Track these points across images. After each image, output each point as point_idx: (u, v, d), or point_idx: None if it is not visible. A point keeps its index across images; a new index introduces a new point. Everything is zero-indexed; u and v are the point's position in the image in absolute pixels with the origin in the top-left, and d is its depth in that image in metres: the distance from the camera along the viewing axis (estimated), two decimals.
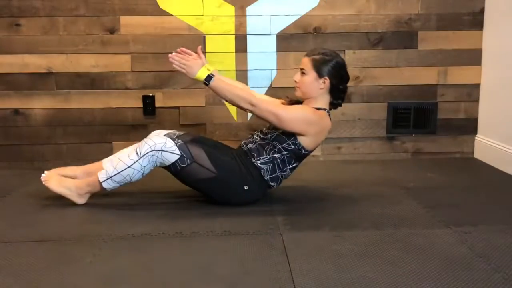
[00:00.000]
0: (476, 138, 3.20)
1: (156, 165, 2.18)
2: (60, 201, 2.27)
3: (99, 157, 2.99)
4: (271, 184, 2.28)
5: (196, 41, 3.03)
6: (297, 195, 2.44)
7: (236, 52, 3.07)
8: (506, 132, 2.87)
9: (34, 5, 2.96)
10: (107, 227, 2.02)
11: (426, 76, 3.14)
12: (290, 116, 2.17)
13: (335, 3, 3.05)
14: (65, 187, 2.25)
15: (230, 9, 3.02)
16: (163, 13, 3.01)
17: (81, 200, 2.27)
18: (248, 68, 3.08)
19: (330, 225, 2.03)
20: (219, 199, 2.27)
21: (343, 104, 2.34)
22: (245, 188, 2.22)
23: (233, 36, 3.05)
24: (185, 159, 2.15)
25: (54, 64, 3.01)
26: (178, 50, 2.20)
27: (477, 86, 3.17)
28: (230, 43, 3.06)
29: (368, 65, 3.12)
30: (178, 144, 2.15)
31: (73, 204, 2.26)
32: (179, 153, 2.14)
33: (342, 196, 2.43)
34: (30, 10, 2.96)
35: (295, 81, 2.28)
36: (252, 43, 3.06)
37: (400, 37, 3.10)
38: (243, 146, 2.33)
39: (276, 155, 2.23)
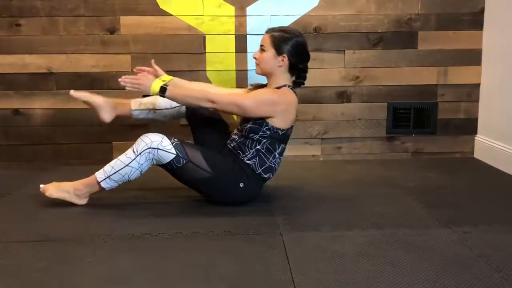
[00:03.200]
0: (476, 138, 3.20)
1: (153, 163, 2.17)
2: (60, 201, 2.27)
3: (99, 157, 3.01)
4: (265, 176, 2.27)
5: (196, 41, 3.03)
6: (297, 195, 2.44)
7: (236, 52, 3.06)
8: (506, 132, 2.87)
9: (34, 5, 2.95)
10: (107, 227, 2.02)
11: (426, 76, 3.14)
12: (252, 102, 2.17)
13: (335, 3, 3.05)
14: (64, 191, 2.25)
15: (230, 9, 3.02)
16: (163, 13, 3.00)
17: (81, 202, 2.26)
18: (248, 68, 3.07)
19: (330, 225, 2.03)
20: (216, 199, 2.27)
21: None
22: (241, 185, 2.22)
23: (233, 36, 3.05)
24: (181, 159, 2.14)
25: (54, 64, 3.01)
26: (134, 70, 2.30)
27: (477, 86, 3.16)
28: (230, 43, 3.06)
29: (368, 65, 3.11)
30: (174, 144, 2.14)
31: (73, 204, 2.26)
32: (174, 152, 2.13)
33: (342, 196, 2.43)
34: (30, 10, 2.96)
35: (255, 58, 2.30)
36: (252, 43, 3.05)
37: (400, 37, 3.10)
38: (228, 145, 2.33)
39: (258, 147, 2.23)
